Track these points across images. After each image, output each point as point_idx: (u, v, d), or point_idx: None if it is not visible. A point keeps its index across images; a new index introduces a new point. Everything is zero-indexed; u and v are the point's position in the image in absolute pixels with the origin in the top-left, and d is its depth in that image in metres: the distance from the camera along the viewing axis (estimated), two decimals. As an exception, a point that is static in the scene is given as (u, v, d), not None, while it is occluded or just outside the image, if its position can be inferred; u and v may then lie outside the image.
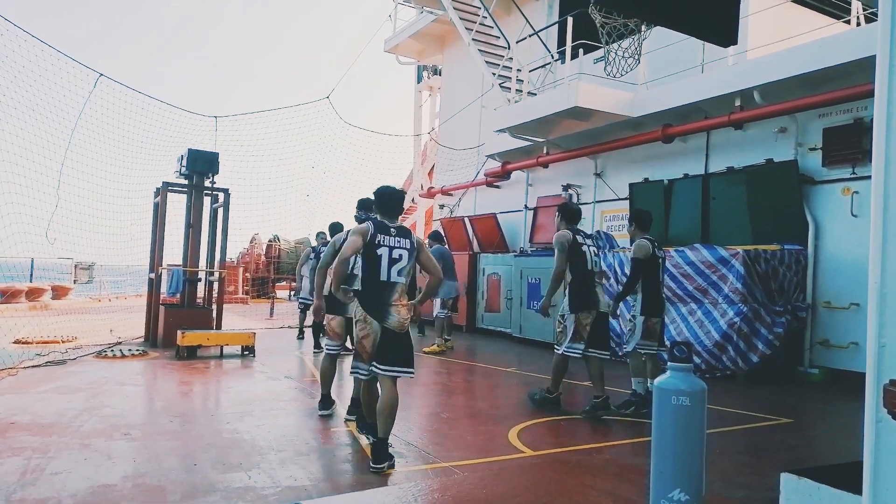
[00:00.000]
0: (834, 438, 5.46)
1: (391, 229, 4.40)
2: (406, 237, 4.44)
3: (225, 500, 3.50)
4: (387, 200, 4.51)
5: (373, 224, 4.38)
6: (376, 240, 4.31)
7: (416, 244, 4.48)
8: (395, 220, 4.51)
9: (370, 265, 4.29)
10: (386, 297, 4.26)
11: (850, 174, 8.01)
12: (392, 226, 4.43)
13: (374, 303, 4.27)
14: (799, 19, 9.85)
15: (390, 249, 4.33)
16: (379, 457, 4.10)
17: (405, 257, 4.37)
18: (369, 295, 4.29)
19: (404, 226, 4.56)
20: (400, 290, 4.32)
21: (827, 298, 8.10)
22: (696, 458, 3.18)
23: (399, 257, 4.34)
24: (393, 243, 4.35)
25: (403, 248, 4.38)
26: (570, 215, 6.22)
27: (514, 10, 14.12)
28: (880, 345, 2.06)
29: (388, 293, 4.27)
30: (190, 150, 10.06)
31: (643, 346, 6.09)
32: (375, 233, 4.33)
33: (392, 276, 4.30)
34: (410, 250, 4.41)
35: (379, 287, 4.27)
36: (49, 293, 18.15)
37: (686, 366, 3.26)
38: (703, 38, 5.07)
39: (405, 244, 4.39)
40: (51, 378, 6.88)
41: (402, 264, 4.34)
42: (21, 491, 3.52)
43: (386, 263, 4.30)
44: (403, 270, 4.35)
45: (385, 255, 4.31)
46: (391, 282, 4.30)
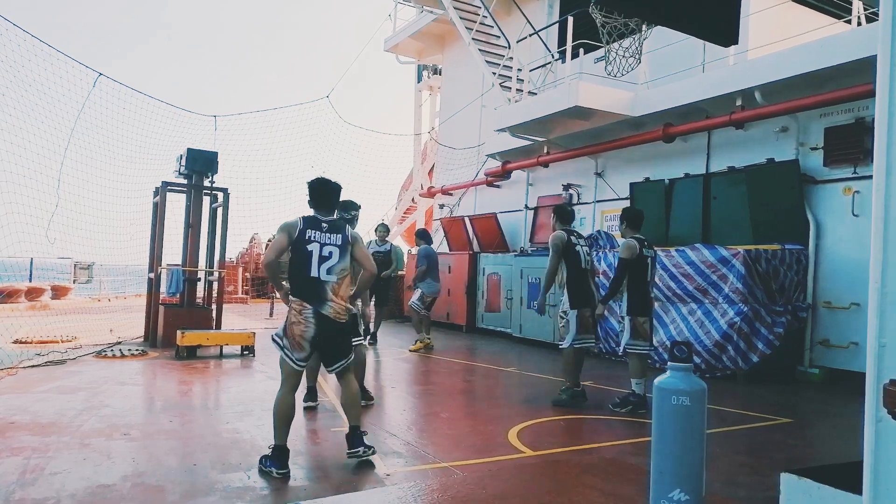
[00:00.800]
0: (834, 438, 5.46)
1: (323, 224, 4.25)
2: (338, 232, 4.27)
3: (224, 500, 3.49)
4: (318, 193, 4.36)
5: (302, 219, 4.22)
6: (306, 235, 4.17)
7: (349, 239, 4.30)
8: (330, 213, 4.38)
9: (299, 261, 4.15)
10: (321, 293, 4.12)
11: (851, 174, 8.00)
12: (324, 220, 4.28)
13: (307, 295, 4.13)
14: (800, 19, 9.84)
15: (321, 246, 4.18)
16: (354, 442, 4.23)
17: (336, 255, 4.19)
18: (300, 291, 4.16)
19: (338, 220, 4.42)
20: (331, 288, 4.15)
21: (827, 298, 8.09)
22: (696, 458, 3.17)
23: (329, 255, 4.18)
24: (324, 239, 4.20)
25: (334, 244, 4.22)
26: (565, 216, 6.50)
27: (515, 10, 14.11)
28: (880, 344, 2.06)
29: (321, 289, 4.12)
30: (189, 150, 10.05)
31: (632, 345, 6.09)
32: (305, 228, 4.19)
33: (322, 273, 4.14)
34: (342, 247, 4.24)
35: (310, 283, 4.12)
36: (48, 293, 18.14)
37: (686, 365, 3.25)
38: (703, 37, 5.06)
39: (336, 240, 4.23)
40: (50, 378, 6.88)
41: (332, 262, 4.17)
42: (20, 491, 3.52)
43: (316, 260, 4.15)
44: (334, 269, 4.17)
45: (315, 252, 4.15)
46: (321, 279, 4.13)
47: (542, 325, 10.76)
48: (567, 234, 6.28)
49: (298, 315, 4.12)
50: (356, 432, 4.26)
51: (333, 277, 4.16)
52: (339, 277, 4.19)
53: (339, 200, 4.55)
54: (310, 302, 4.11)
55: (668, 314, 8.35)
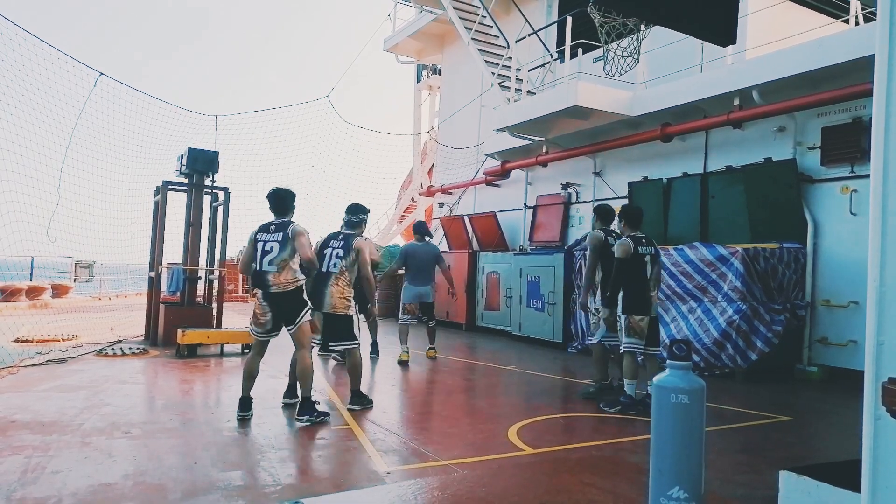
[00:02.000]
0: (832, 436, 5.48)
1: (271, 226, 5.31)
2: (281, 230, 5.24)
3: (225, 499, 3.50)
4: (271, 199, 5.39)
5: (259, 226, 5.35)
6: (255, 237, 5.30)
7: (289, 234, 5.20)
8: (283, 216, 5.35)
9: (252, 258, 5.27)
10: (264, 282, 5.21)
11: (848, 173, 8.02)
12: (273, 222, 5.33)
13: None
14: (797, 19, 9.87)
15: (264, 243, 5.22)
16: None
17: (276, 249, 5.18)
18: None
19: (288, 220, 5.34)
20: (272, 277, 5.17)
21: (826, 297, 8.12)
22: (695, 456, 3.19)
23: (270, 249, 5.19)
24: (266, 238, 5.24)
25: (275, 240, 5.20)
26: (605, 216, 6.71)
27: (514, 10, 14.12)
28: (879, 343, 2.07)
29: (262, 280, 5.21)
30: (190, 149, 10.06)
31: (628, 344, 6.04)
32: (256, 232, 5.32)
33: (263, 265, 5.19)
34: (282, 242, 5.19)
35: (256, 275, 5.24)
36: (49, 291, 18.14)
37: (685, 364, 3.27)
38: (701, 37, 5.08)
39: (278, 237, 5.22)
40: (51, 376, 6.88)
41: (272, 255, 5.17)
42: (22, 489, 3.53)
43: (259, 255, 5.22)
44: (274, 260, 5.17)
45: (259, 248, 5.23)
46: (263, 270, 5.19)
47: (541, 323, 10.79)
48: (605, 234, 6.49)
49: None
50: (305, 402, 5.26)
51: (273, 268, 5.18)
52: (277, 266, 5.19)
53: (284, 205, 5.44)
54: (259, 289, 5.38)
55: (668, 313, 8.36)
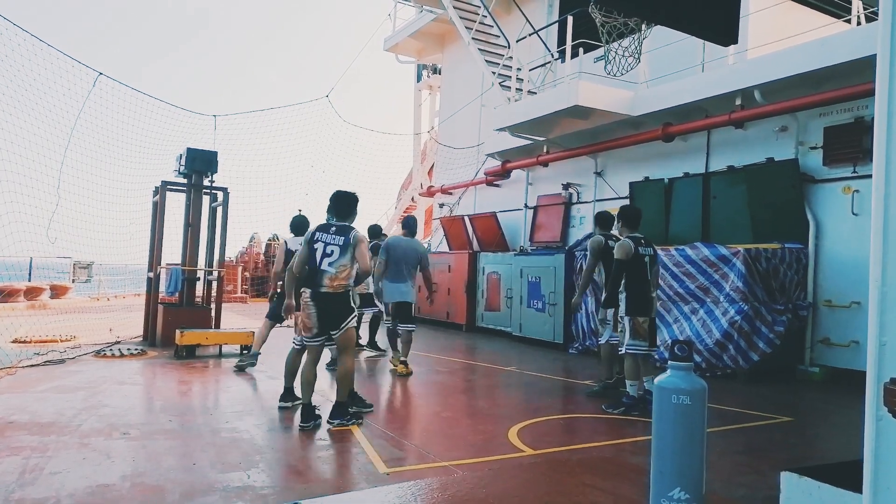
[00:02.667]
0: (834, 437, 5.46)
1: (331, 228, 5.27)
2: (343, 235, 5.21)
3: (224, 500, 3.49)
4: (334, 201, 5.41)
5: (316, 226, 5.33)
6: (314, 237, 5.25)
7: (351, 241, 5.18)
8: (345, 219, 5.34)
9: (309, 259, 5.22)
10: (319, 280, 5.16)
11: (850, 173, 8.00)
12: (334, 224, 5.30)
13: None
14: (799, 18, 9.85)
15: (325, 245, 5.19)
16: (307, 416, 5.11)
17: (336, 252, 5.16)
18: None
19: (350, 226, 5.31)
20: (327, 279, 5.13)
21: (828, 297, 8.09)
22: (696, 457, 3.17)
23: (331, 252, 5.17)
24: (328, 239, 5.21)
25: (336, 244, 5.18)
26: (604, 222, 6.86)
27: (514, 9, 14.11)
28: (881, 343, 2.06)
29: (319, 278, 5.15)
30: (189, 150, 10.05)
31: (632, 345, 6.00)
32: (314, 232, 5.29)
33: (323, 265, 5.14)
34: (343, 246, 5.18)
35: (312, 273, 5.19)
36: (48, 292, 18.14)
37: (686, 364, 3.25)
38: (703, 37, 5.07)
39: (339, 241, 5.19)
40: (49, 377, 6.87)
41: (333, 258, 5.15)
42: (20, 490, 3.52)
43: (319, 256, 5.16)
44: (334, 263, 5.14)
45: (319, 250, 5.18)
46: (321, 269, 5.14)
47: (541, 324, 10.77)
48: (605, 239, 6.58)
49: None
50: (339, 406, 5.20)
51: (333, 270, 5.13)
52: (337, 269, 5.14)
53: (350, 209, 5.45)
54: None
55: (670, 313, 8.34)
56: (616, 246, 6.13)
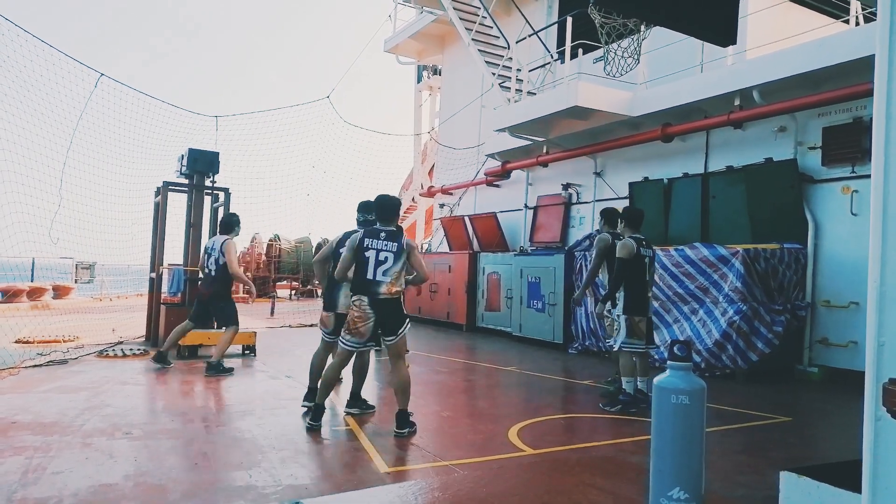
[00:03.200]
0: (833, 437, 5.47)
1: (381, 234, 5.00)
2: (394, 241, 4.98)
3: (226, 499, 3.50)
4: (380, 207, 5.14)
5: (364, 232, 5.04)
6: (364, 244, 4.96)
7: (404, 247, 4.99)
8: (389, 224, 5.08)
9: (358, 266, 4.97)
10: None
11: (849, 173, 8.02)
12: (382, 230, 5.03)
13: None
14: (798, 19, 9.86)
15: (377, 252, 4.93)
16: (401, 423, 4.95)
17: (390, 259, 4.92)
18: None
19: (398, 231, 5.08)
20: (384, 287, 4.91)
21: (826, 297, 8.11)
22: (695, 457, 3.19)
23: (385, 259, 4.92)
24: (379, 246, 4.95)
25: (389, 250, 4.94)
26: (611, 219, 6.76)
27: (514, 10, 14.13)
28: (879, 343, 2.07)
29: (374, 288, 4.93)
30: (190, 150, 10.05)
31: (628, 344, 6.05)
32: (363, 238, 4.98)
33: (377, 275, 4.91)
34: (397, 253, 4.94)
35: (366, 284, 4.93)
36: (50, 293, 18.16)
37: (686, 364, 3.27)
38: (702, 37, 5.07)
39: (392, 247, 4.95)
40: (52, 377, 6.89)
41: (387, 266, 4.92)
42: (23, 490, 3.53)
43: (372, 265, 4.92)
44: (389, 271, 4.92)
45: (372, 258, 4.92)
46: (377, 280, 4.91)
47: (541, 324, 10.78)
48: (612, 238, 6.49)
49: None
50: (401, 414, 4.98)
51: (388, 279, 4.94)
52: (392, 278, 4.95)
53: (397, 214, 5.26)
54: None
55: (669, 313, 8.36)
56: (619, 245, 6.14)
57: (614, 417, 5.79)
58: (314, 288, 25.95)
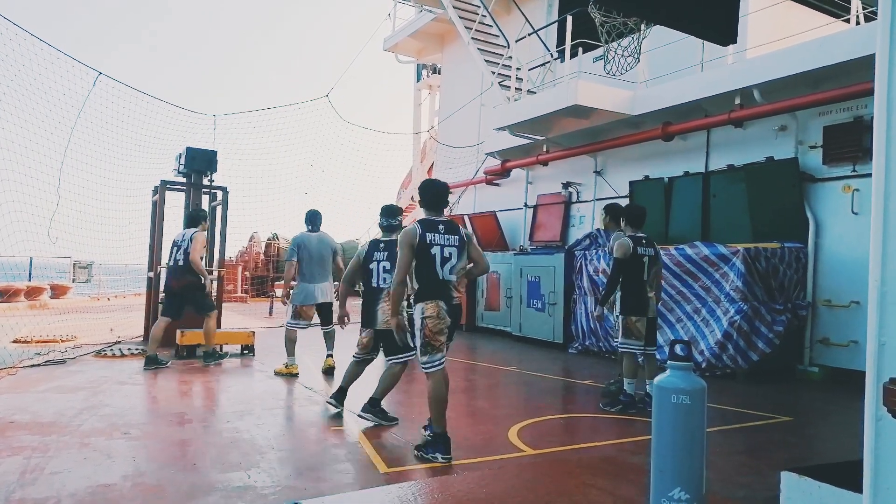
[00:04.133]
0: (834, 437, 5.46)
1: (439, 226, 4.41)
2: (455, 234, 4.43)
3: (224, 500, 3.49)
4: (428, 193, 4.53)
5: (419, 225, 4.36)
6: (427, 240, 4.31)
7: (465, 238, 4.48)
8: (441, 213, 4.52)
9: (425, 265, 4.32)
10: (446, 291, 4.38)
11: (850, 172, 8.00)
12: (440, 221, 4.45)
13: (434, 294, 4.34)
14: (798, 18, 9.85)
15: (441, 248, 4.34)
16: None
17: (454, 255, 4.37)
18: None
19: (451, 220, 4.54)
20: (454, 288, 4.40)
21: (827, 296, 8.10)
22: (696, 457, 3.18)
23: (449, 255, 4.36)
24: (442, 241, 4.35)
25: (453, 244, 4.39)
26: (630, 218, 6.32)
27: (514, 9, 14.11)
28: (880, 343, 2.06)
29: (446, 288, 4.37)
30: (188, 149, 10.05)
31: (625, 344, 6.01)
32: (424, 233, 4.32)
33: (445, 274, 4.34)
34: (460, 247, 4.41)
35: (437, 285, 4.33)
36: (48, 292, 18.15)
37: (686, 364, 3.25)
38: (702, 36, 5.07)
39: (454, 241, 4.40)
40: (50, 377, 6.88)
41: (453, 262, 4.37)
42: (20, 490, 3.52)
43: (439, 262, 4.32)
44: (455, 268, 4.37)
45: (438, 254, 4.32)
46: (447, 280, 4.34)
47: (541, 323, 10.77)
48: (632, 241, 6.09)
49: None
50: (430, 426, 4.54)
51: (454, 277, 4.39)
52: (458, 276, 4.42)
53: (446, 201, 4.65)
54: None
55: (672, 313, 8.34)
56: (615, 244, 6.10)
57: (615, 417, 5.77)
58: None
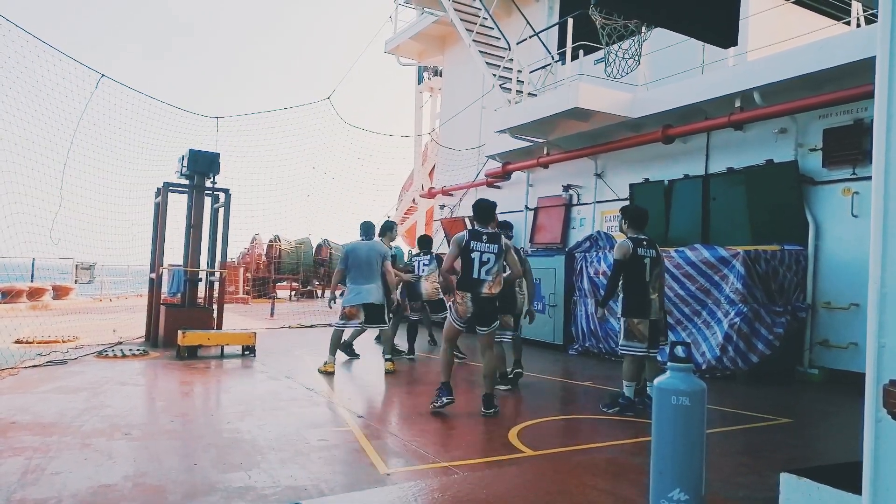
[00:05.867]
0: (834, 438, 5.47)
1: (483, 236, 5.58)
2: (495, 243, 5.59)
3: (225, 500, 3.50)
4: (477, 210, 5.76)
5: (468, 233, 5.59)
6: (470, 245, 5.52)
7: (503, 248, 5.62)
8: (487, 226, 5.65)
9: (465, 264, 5.53)
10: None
11: (850, 175, 8.01)
12: (484, 232, 5.60)
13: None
14: (799, 20, 9.88)
15: (480, 254, 5.51)
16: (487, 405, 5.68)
17: (492, 260, 5.53)
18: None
19: (498, 233, 5.67)
20: (486, 286, 5.55)
21: (827, 299, 8.11)
22: (695, 458, 3.19)
23: (487, 260, 5.51)
24: (482, 248, 5.53)
25: (492, 252, 5.55)
26: (638, 219, 6.23)
27: (515, 12, 14.14)
28: (880, 345, 2.07)
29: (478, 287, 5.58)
30: (191, 151, 10.08)
31: (626, 346, 5.96)
32: (469, 240, 5.53)
33: (481, 274, 5.51)
34: (497, 254, 5.56)
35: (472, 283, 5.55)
36: (50, 293, 18.17)
37: (686, 366, 3.27)
38: (703, 39, 5.07)
39: (493, 249, 5.56)
40: (52, 378, 6.88)
41: (489, 265, 5.53)
42: (22, 491, 3.53)
43: (477, 264, 5.50)
44: (491, 270, 5.53)
45: (476, 258, 5.51)
46: (481, 279, 5.53)
47: (541, 325, 10.76)
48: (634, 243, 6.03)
49: None
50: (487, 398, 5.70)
51: (490, 278, 5.56)
52: (494, 276, 5.59)
53: (493, 217, 5.83)
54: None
55: (671, 315, 8.33)
56: (616, 245, 6.11)
57: (615, 419, 5.78)
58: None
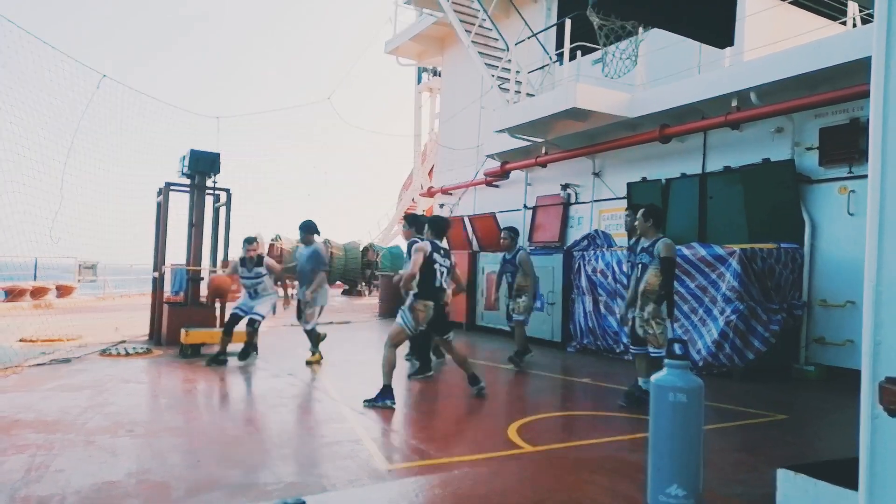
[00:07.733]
0: (830, 435, 5.51)
1: (441, 250, 6.26)
2: (448, 258, 6.40)
3: (228, 497, 3.53)
4: (436, 226, 6.46)
5: (430, 244, 6.22)
6: (433, 257, 6.15)
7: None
8: (441, 240, 6.36)
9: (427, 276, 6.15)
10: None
11: (846, 173, 8.06)
12: (441, 246, 6.28)
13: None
14: (795, 21, 9.91)
15: (439, 265, 6.20)
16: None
17: (447, 272, 6.35)
18: None
19: (447, 248, 6.39)
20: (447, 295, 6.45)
21: (823, 296, 8.15)
22: (693, 455, 3.22)
23: (443, 272, 6.26)
24: (441, 261, 6.22)
25: (446, 266, 6.36)
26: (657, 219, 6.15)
27: (513, 13, 14.17)
28: (876, 342, 2.10)
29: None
30: (192, 151, 10.09)
31: (657, 352, 5.80)
32: (432, 252, 6.16)
33: (443, 284, 6.27)
34: (450, 267, 6.43)
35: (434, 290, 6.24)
36: (53, 292, 18.18)
37: (683, 363, 3.30)
38: (700, 39, 5.10)
39: (447, 263, 6.36)
40: (55, 376, 6.91)
41: (446, 276, 6.34)
42: (26, 488, 3.55)
43: (439, 275, 6.19)
44: (447, 281, 6.39)
45: (438, 269, 6.17)
46: (443, 288, 6.30)
47: (540, 323, 10.80)
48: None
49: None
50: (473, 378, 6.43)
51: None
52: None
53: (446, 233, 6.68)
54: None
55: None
56: (664, 245, 5.86)
57: (613, 415, 5.81)
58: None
